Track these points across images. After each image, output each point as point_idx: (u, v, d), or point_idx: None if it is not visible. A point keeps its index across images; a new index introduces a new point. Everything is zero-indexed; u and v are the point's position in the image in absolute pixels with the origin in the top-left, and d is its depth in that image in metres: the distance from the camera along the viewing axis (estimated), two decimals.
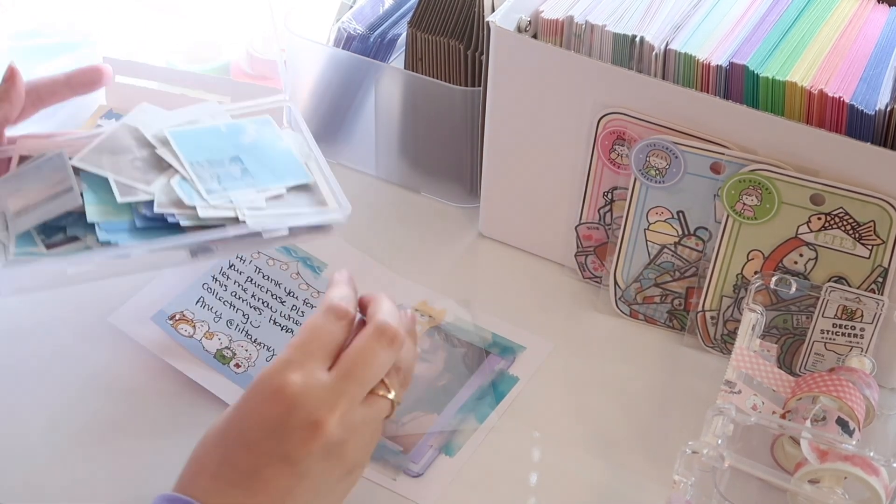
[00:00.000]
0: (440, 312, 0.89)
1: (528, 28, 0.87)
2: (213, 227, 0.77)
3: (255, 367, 0.84)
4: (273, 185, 0.81)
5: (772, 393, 0.78)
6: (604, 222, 0.90)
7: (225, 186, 0.79)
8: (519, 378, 0.84)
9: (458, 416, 0.81)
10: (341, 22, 1.00)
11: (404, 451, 0.79)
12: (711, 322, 0.87)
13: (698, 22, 0.85)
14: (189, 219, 0.77)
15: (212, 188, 0.79)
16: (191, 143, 0.82)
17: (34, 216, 0.78)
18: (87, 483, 0.77)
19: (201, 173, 0.80)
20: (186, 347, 0.84)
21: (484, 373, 0.85)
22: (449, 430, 0.80)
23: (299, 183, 0.82)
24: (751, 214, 0.82)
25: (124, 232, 0.77)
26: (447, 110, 0.95)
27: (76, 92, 0.83)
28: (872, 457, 0.70)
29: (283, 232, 0.79)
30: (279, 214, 0.79)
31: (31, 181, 0.80)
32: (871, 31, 0.86)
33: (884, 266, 0.80)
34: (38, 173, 0.80)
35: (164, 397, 0.82)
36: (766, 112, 0.79)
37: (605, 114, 0.84)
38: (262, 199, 0.80)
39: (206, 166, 0.80)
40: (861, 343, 0.81)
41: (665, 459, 0.78)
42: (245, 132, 0.85)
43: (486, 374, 0.84)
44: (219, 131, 0.84)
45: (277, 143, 0.85)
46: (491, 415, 0.82)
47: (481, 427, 0.81)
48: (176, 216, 0.77)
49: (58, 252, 0.77)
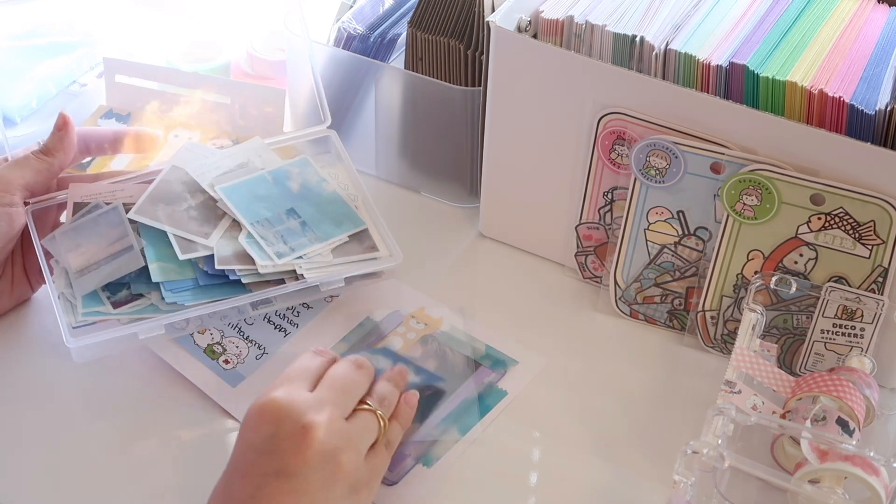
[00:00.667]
0: (437, 321, 0.89)
1: (528, 28, 0.87)
2: (272, 281, 0.81)
3: (243, 364, 0.84)
4: (334, 237, 0.85)
5: (772, 393, 0.78)
6: (604, 222, 0.90)
7: (292, 246, 0.82)
8: (507, 392, 0.84)
9: (440, 426, 0.81)
10: (341, 22, 1.00)
11: None
12: (711, 322, 0.87)
13: (698, 22, 0.85)
14: (250, 276, 0.81)
15: (281, 251, 0.82)
16: (244, 198, 0.84)
17: (98, 276, 0.81)
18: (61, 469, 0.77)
19: (265, 234, 0.83)
20: (177, 340, 0.84)
21: (472, 385, 0.84)
22: (429, 440, 0.80)
23: (356, 231, 0.86)
24: (751, 214, 0.82)
25: (188, 291, 0.80)
26: (447, 110, 0.95)
27: (117, 151, 0.86)
28: (872, 457, 0.70)
29: (340, 283, 0.83)
30: (335, 266, 0.83)
31: (90, 236, 0.83)
32: (871, 30, 0.86)
33: (884, 266, 0.80)
34: (96, 228, 0.83)
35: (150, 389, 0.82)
36: (766, 112, 0.79)
37: (605, 114, 0.84)
38: (328, 252, 0.84)
39: (267, 225, 0.83)
40: (861, 343, 0.81)
41: (665, 459, 0.78)
42: (290, 177, 0.87)
43: (474, 387, 0.84)
44: (266, 181, 0.86)
45: (323, 186, 0.88)
46: (475, 427, 0.81)
47: (463, 439, 0.80)
48: (237, 273, 0.81)
49: (124, 311, 0.80)
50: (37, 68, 1.08)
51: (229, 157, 0.87)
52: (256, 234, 0.82)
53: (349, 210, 0.87)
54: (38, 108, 1.06)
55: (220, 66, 1.09)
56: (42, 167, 0.82)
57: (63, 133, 0.82)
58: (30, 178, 0.81)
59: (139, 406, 0.82)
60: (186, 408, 0.81)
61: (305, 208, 0.86)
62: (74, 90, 1.08)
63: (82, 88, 1.09)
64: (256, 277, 0.81)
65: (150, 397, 0.82)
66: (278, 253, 0.82)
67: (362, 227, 0.86)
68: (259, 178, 0.86)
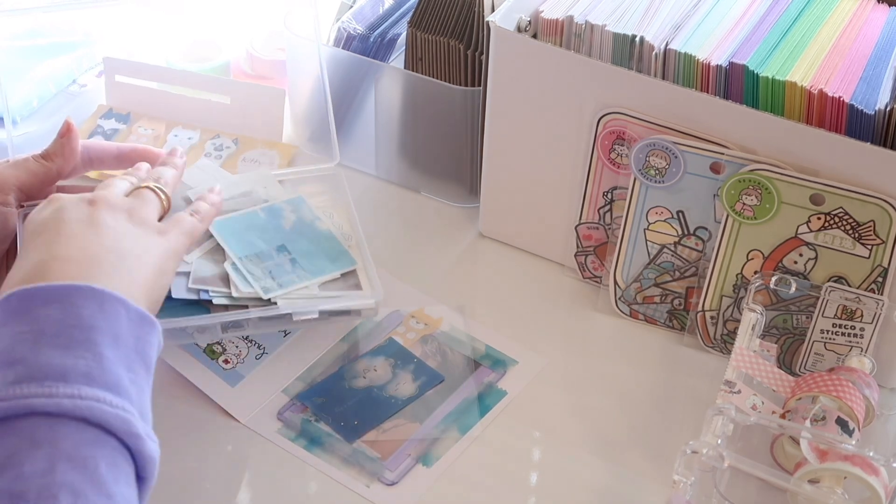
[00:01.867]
0: (437, 321, 0.89)
1: (528, 28, 0.87)
2: (242, 307, 0.79)
3: (243, 364, 0.84)
4: (326, 273, 0.83)
5: (772, 393, 0.78)
6: (604, 222, 0.90)
7: (280, 283, 0.81)
8: (507, 392, 0.84)
9: (440, 425, 0.81)
10: (341, 22, 1.00)
11: (381, 457, 0.79)
12: (711, 322, 0.87)
13: (698, 22, 0.85)
14: (222, 297, 0.79)
15: (267, 286, 0.80)
16: (234, 233, 0.83)
17: None
18: None
19: (253, 269, 0.81)
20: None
21: (472, 385, 0.84)
22: (429, 439, 0.80)
23: (347, 270, 0.84)
24: (751, 214, 0.82)
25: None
26: (447, 110, 0.95)
27: (123, 166, 0.86)
28: (872, 457, 0.70)
29: (314, 315, 0.80)
30: (312, 298, 0.81)
31: None
32: (871, 30, 0.86)
33: (883, 266, 0.80)
34: None
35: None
36: (765, 112, 0.79)
37: (605, 114, 0.84)
38: (315, 287, 0.82)
39: (256, 260, 0.82)
40: (861, 343, 0.81)
41: (665, 459, 0.78)
42: (283, 216, 0.86)
43: (474, 386, 0.84)
44: (258, 216, 0.85)
45: (317, 224, 0.86)
46: (475, 427, 0.81)
47: (463, 438, 0.80)
48: (210, 294, 0.79)
49: None
50: (37, 68, 1.08)
51: (234, 185, 0.87)
52: (244, 269, 0.81)
53: (341, 250, 0.85)
54: (38, 107, 1.06)
55: (220, 66, 1.09)
56: (39, 170, 0.82)
57: (65, 140, 0.82)
58: (24, 180, 0.81)
59: None
60: (186, 407, 0.81)
61: (298, 243, 0.84)
62: (74, 90, 1.08)
63: (82, 88, 1.09)
64: (229, 301, 0.79)
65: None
66: (265, 288, 0.80)
67: (351, 267, 0.84)
68: (250, 215, 0.85)
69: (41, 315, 0.60)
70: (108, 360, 0.59)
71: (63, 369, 0.58)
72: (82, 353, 0.59)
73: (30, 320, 0.60)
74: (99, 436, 0.57)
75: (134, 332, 0.62)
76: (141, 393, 0.61)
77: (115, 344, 0.60)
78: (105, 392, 0.58)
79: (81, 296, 0.61)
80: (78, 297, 0.61)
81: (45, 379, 0.57)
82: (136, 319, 0.63)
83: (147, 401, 0.62)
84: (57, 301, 0.60)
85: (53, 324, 0.59)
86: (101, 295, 0.61)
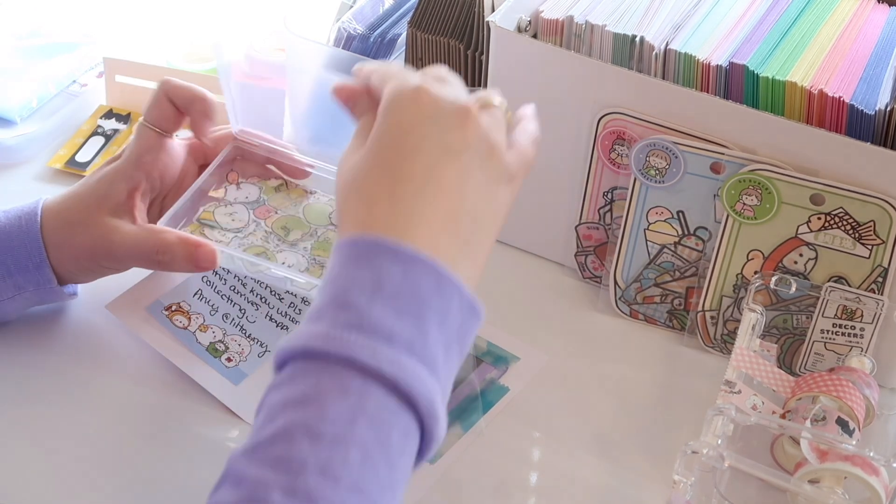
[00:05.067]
0: None
1: (528, 28, 0.87)
2: None
3: (246, 362, 0.84)
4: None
5: (772, 393, 0.78)
6: (604, 222, 0.90)
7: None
8: (510, 388, 0.84)
9: None
10: (341, 22, 1.00)
11: None
12: (711, 322, 0.87)
13: (698, 22, 0.85)
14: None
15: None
16: None
17: None
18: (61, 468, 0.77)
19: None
20: (179, 338, 0.84)
21: (474, 381, 0.84)
22: None
23: None
24: (751, 214, 0.82)
25: None
26: None
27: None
28: (872, 457, 0.70)
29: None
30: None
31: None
32: (871, 31, 0.86)
33: (884, 266, 0.80)
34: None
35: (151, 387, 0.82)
36: (766, 112, 0.79)
37: (605, 114, 0.84)
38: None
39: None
40: (861, 343, 0.81)
41: (665, 459, 0.78)
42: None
43: (476, 383, 0.84)
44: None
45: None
46: (478, 423, 0.81)
47: (466, 435, 0.80)
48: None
49: None
50: (37, 68, 1.08)
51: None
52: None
53: None
54: (38, 107, 1.06)
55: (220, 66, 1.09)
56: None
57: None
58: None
59: (141, 404, 0.81)
60: (188, 405, 0.81)
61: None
62: (74, 90, 1.08)
63: (82, 88, 1.09)
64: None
65: (151, 395, 0.82)
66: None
67: None
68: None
69: (384, 270, 0.59)
70: (431, 337, 0.59)
71: (391, 332, 0.57)
72: (411, 322, 0.58)
73: (372, 269, 0.59)
74: (401, 405, 0.57)
75: (460, 317, 0.61)
76: (449, 376, 0.61)
77: (441, 324, 0.60)
78: (422, 368, 0.58)
79: (424, 269, 0.60)
80: (421, 269, 0.60)
81: (374, 335, 0.57)
82: (466, 307, 0.62)
83: (450, 385, 0.62)
84: (401, 263, 0.59)
85: (393, 284, 0.58)
86: (441, 276, 0.60)
